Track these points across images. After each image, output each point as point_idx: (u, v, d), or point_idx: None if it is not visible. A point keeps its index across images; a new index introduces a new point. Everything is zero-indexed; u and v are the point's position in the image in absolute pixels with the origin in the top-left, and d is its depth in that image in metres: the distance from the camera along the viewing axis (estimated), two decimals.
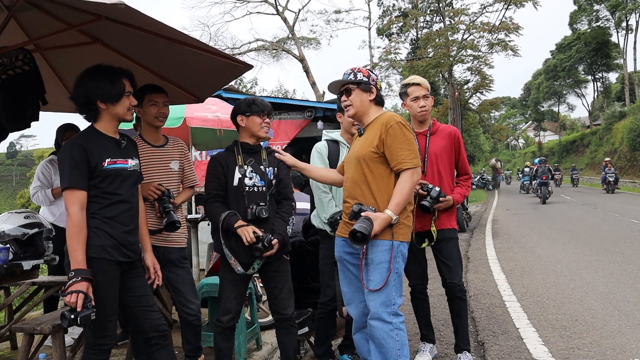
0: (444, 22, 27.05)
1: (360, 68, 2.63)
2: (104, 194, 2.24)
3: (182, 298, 2.95)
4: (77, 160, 2.17)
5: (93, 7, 2.30)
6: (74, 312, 1.99)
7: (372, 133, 2.53)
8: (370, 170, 2.50)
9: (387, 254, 2.43)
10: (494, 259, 7.34)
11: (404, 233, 2.49)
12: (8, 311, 3.76)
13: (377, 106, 2.63)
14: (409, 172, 2.43)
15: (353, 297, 2.66)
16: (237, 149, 2.78)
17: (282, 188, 2.83)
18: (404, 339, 2.43)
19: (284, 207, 2.83)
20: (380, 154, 2.48)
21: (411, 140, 2.49)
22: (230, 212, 2.67)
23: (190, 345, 3.00)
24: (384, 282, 2.41)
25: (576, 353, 3.45)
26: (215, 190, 2.74)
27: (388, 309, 2.42)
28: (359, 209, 2.41)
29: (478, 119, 31.10)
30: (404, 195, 2.42)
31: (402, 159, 2.43)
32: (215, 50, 2.81)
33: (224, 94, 8.70)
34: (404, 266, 3.35)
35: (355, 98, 2.59)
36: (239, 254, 2.68)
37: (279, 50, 26.49)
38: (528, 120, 66.32)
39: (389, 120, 2.49)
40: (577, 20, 44.09)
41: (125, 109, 2.31)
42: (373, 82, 2.61)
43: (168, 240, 2.93)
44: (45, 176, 3.94)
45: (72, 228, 2.12)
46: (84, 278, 2.05)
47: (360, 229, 2.30)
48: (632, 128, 27.11)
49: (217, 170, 2.75)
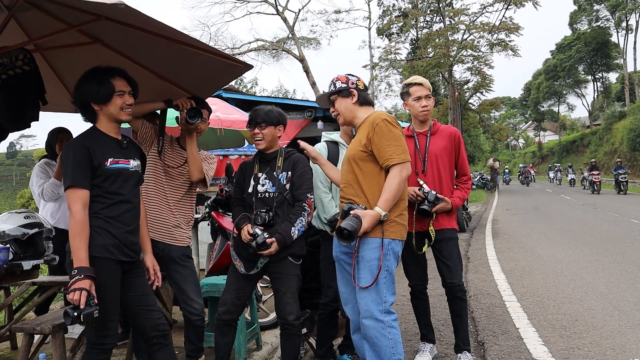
0: (444, 22, 27.04)
1: (338, 76, 2.70)
2: (107, 193, 2.25)
3: (185, 297, 2.95)
4: (80, 160, 2.18)
5: (93, 7, 2.30)
6: (77, 310, 2.00)
7: (361, 133, 2.57)
8: (360, 169, 2.53)
9: (377, 251, 2.43)
10: (494, 259, 7.34)
11: (395, 231, 2.48)
12: (8, 311, 3.76)
13: (363, 107, 2.67)
14: (398, 168, 2.44)
15: (350, 297, 2.66)
16: (256, 158, 2.95)
17: (294, 190, 2.85)
18: (397, 337, 2.43)
19: (295, 209, 2.83)
20: (368, 152, 2.50)
21: (398, 135, 2.50)
22: (243, 214, 2.81)
23: (192, 346, 3.00)
24: (373, 279, 2.41)
25: (576, 353, 3.45)
26: (237, 194, 2.96)
27: (379, 306, 2.41)
28: (349, 207, 2.44)
29: (478, 119, 31.09)
30: (393, 191, 2.42)
31: (389, 155, 2.44)
32: (216, 50, 2.81)
33: (224, 94, 8.71)
34: (405, 266, 3.40)
35: (340, 106, 2.67)
36: (241, 254, 2.79)
37: (279, 50, 26.48)
38: (528, 120, 66.32)
39: (375, 118, 2.52)
40: (577, 20, 44.15)
41: (117, 108, 2.30)
42: (353, 85, 2.66)
43: (169, 237, 2.93)
44: (44, 173, 3.93)
45: (74, 227, 2.12)
46: (87, 276, 2.05)
47: (346, 226, 2.31)
48: (632, 128, 27.13)
49: (239, 177, 2.97)
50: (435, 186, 3.18)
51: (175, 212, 2.96)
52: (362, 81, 2.74)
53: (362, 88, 2.68)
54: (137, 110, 2.73)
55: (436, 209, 3.12)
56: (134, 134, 2.97)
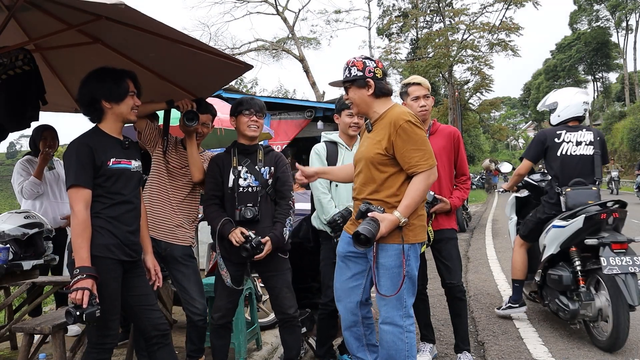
0: (444, 22, 27.07)
1: (355, 60, 2.43)
2: (108, 193, 2.25)
3: (187, 296, 2.94)
4: (83, 159, 2.18)
5: (93, 7, 2.30)
6: (80, 309, 2.00)
7: (381, 133, 2.38)
8: (380, 171, 2.39)
9: (398, 258, 2.33)
10: (494, 259, 7.34)
11: (416, 234, 2.38)
12: (8, 311, 3.76)
13: (380, 99, 2.44)
14: (424, 175, 2.30)
15: (343, 296, 2.59)
16: (233, 150, 2.84)
17: (279, 186, 2.85)
18: (412, 340, 2.40)
19: (281, 207, 2.84)
20: (389, 156, 2.35)
21: (423, 138, 2.34)
22: (225, 219, 2.73)
23: (193, 346, 2.99)
24: (397, 288, 2.32)
25: (576, 353, 3.45)
26: (212, 191, 2.83)
27: (400, 312, 2.36)
28: (367, 208, 2.32)
29: (478, 119, 31.13)
30: (417, 197, 2.30)
31: (415, 162, 2.29)
32: (216, 50, 2.81)
33: (224, 94, 8.70)
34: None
35: (354, 96, 2.46)
36: (230, 265, 2.76)
37: (279, 50, 26.47)
38: (528, 120, 66.32)
39: (397, 118, 2.32)
40: (577, 20, 44.16)
41: (129, 108, 2.33)
42: (370, 74, 2.40)
43: (171, 237, 2.93)
44: (25, 171, 3.93)
45: (76, 226, 2.12)
46: (89, 275, 2.05)
47: (363, 231, 2.20)
48: (632, 128, 27.13)
49: (214, 171, 2.84)
50: (434, 186, 3.16)
51: (177, 212, 2.96)
52: (382, 65, 2.46)
53: (380, 77, 2.42)
54: (141, 111, 2.74)
55: (434, 210, 3.12)
56: (139, 134, 2.96)
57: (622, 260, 3.29)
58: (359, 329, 2.61)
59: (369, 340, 2.64)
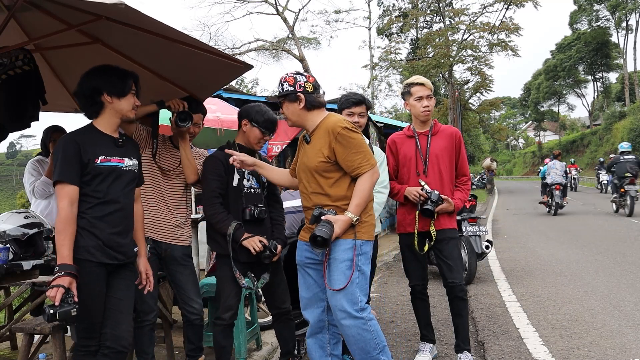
0: (444, 22, 27.06)
1: (287, 76, 2.51)
2: (94, 192, 2.21)
3: (184, 296, 2.95)
4: (69, 155, 2.16)
5: (93, 7, 2.30)
6: (54, 307, 1.96)
7: (320, 141, 2.47)
8: (325, 178, 2.47)
9: (350, 252, 2.42)
10: (494, 259, 7.34)
11: (367, 231, 2.48)
12: (8, 311, 3.76)
13: (312, 111, 2.51)
14: (368, 174, 2.42)
15: (310, 303, 2.65)
16: (236, 149, 2.85)
17: (273, 189, 2.99)
18: (377, 327, 2.44)
19: (278, 210, 3.00)
20: (332, 162, 2.45)
21: (361, 142, 2.45)
22: (237, 224, 2.74)
23: (192, 345, 3.01)
24: (347, 280, 2.39)
25: (576, 353, 3.45)
26: (218, 189, 2.80)
27: (355, 306, 2.40)
28: (320, 212, 2.41)
29: (478, 119, 31.10)
30: (365, 196, 2.42)
31: (358, 164, 2.41)
32: (216, 50, 2.81)
33: (224, 94, 8.68)
34: (405, 266, 3.40)
35: (287, 110, 2.53)
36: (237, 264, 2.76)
37: (279, 50, 26.46)
38: (528, 120, 66.32)
39: (334, 126, 2.42)
40: (577, 20, 44.17)
41: (130, 105, 2.32)
42: (300, 89, 2.47)
43: (171, 237, 2.93)
44: (36, 171, 3.94)
45: (58, 223, 2.10)
46: (67, 273, 2.02)
47: (320, 233, 2.30)
48: (632, 128, 27.17)
49: (219, 168, 2.81)
50: (436, 187, 3.17)
51: (174, 212, 2.97)
52: (313, 79, 2.54)
53: (310, 90, 2.50)
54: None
55: (439, 209, 3.12)
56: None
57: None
58: (325, 336, 2.65)
59: (332, 350, 2.66)
